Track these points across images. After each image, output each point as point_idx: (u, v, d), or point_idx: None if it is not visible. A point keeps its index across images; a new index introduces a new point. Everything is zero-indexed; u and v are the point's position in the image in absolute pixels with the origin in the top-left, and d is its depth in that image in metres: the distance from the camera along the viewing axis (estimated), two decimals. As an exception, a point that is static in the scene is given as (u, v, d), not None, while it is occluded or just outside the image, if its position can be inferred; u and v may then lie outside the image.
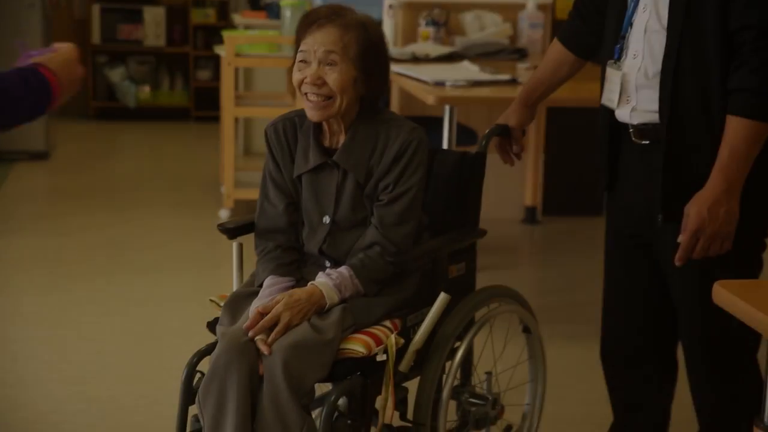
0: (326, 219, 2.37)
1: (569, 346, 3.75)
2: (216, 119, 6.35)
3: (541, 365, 2.72)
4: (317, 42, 2.28)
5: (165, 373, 3.38)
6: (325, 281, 2.28)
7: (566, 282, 4.60)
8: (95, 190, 6.02)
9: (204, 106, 8.26)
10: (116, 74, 8.18)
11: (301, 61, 2.31)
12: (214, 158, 6.49)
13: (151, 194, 5.97)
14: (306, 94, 2.30)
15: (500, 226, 5.39)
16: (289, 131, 2.41)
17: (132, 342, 3.71)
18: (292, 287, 2.33)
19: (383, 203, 2.34)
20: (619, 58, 2.32)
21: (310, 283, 2.29)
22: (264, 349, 2.16)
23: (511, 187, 5.44)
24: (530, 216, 5.56)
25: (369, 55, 2.30)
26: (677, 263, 2.20)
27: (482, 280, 2.64)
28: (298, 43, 2.33)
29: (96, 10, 8.13)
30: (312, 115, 2.31)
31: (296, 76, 2.31)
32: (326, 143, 2.38)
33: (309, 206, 2.39)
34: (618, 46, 2.32)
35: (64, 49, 1.77)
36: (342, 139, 2.36)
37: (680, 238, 2.18)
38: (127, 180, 6.33)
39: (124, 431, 3.00)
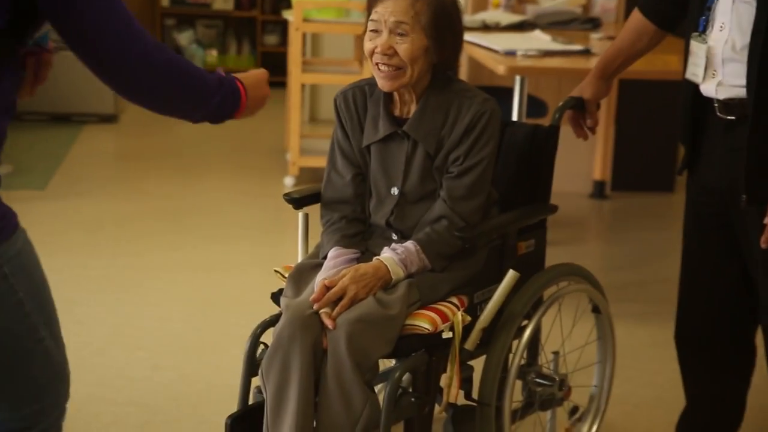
0: (394, 190, 2.32)
1: (637, 325, 3.66)
2: (282, 84, 6.31)
3: (610, 346, 2.65)
4: (388, 11, 2.22)
5: (229, 342, 3.37)
6: (391, 256, 2.23)
7: (635, 259, 4.50)
8: (162, 154, 6.04)
9: (271, 71, 8.15)
10: (184, 38, 8.20)
11: (372, 30, 2.25)
12: (280, 124, 6.47)
13: (216, 159, 5.98)
14: (377, 63, 2.25)
15: (568, 200, 5.30)
16: (359, 100, 2.36)
17: (196, 309, 3.71)
18: (357, 260, 2.30)
19: (453, 176, 2.28)
20: (704, 31, 2.22)
21: (375, 258, 2.25)
22: (328, 323, 2.13)
23: (580, 161, 5.34)
24: (599, 190, 5.45)
25: (441, 23, 2.23)
26: (763, 246, 2.11)
27: (548, 256, 2.57)
28: (369, 10, 2.27)
29: (165, -27, 8.14)
30: (383, 84, 2.26)
31: (367, 46, 2.26)
32: (396, 113, 2.33)
33: (377, 177, 2.34)
34: (703, 17, 2.22)
35: (256, 71, 1.96)
36: (413, 108, 2.30)
37: (767, 220, 2.09)
38: (194, 145, 6.34)
39: (186, 399, 3.00)
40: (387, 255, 2.24)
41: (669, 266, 4.37)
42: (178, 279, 4.00)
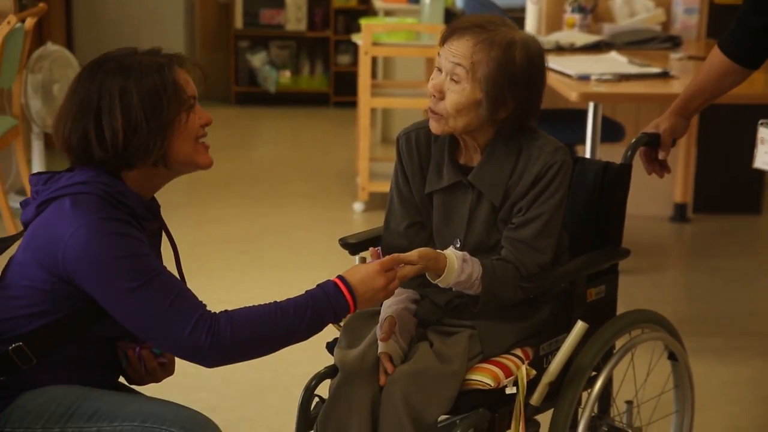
0: (457, 242, 2.18)
1: (718, 362, 3.47)
2: (355, 105, 6.24)
3: (688, 395, 2.49)
4: (450, 51, 2.08)
5: (289, 381, 3.28)
6: (453, 257, 2.05)
7: (718, 288, 4.28)
8: (233, 179, 6.00)
9: (343, 92, 8.19)
10: (258, 59, 8.19)
11: (437, 67, 2.13)
12: (352, 145, 6.39)
13: (287, 184, 5.92)
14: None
15: (647, 224, 5.12)
16: (423, 143, 2.22)
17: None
18: (416, 301, 2.20)
19: (513, 227, 2.13)
20: None
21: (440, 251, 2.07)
22: (381, 379, 2.04)
23: (659, 182, 5.09)
24: (680, 213, 5.24)
25: (502, 82, 2.05)
26: None
27: (626, 284, 2.41)
28: (441, 46, 2.15)
29: (239, -6, 8.15)
30: (431, 125, 2.14)
31: (429, 83, 2.15)
32: (462, 160, 2.19)
33: (439, 227, 2.21)
34: None
35: (371, 265, 1.92)
36: (478, 157, 2.17)
37: None
38: (265, 169, 6.30)
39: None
40: (450, 252, 2.08)
41: (756, 295, 4.17)
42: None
